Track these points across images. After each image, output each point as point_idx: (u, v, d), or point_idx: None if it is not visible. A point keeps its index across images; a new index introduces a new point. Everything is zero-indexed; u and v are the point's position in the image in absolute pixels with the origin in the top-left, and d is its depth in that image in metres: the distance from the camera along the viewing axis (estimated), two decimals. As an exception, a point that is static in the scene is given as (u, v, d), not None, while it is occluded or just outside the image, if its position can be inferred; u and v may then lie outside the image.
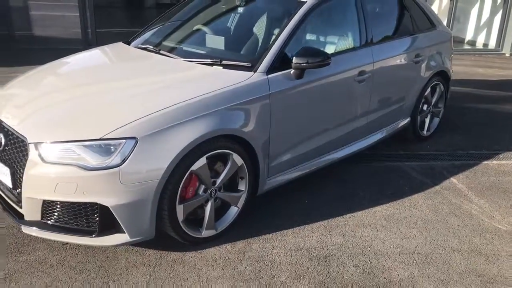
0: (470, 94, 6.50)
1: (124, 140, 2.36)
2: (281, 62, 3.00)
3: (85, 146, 2.36)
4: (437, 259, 2.73)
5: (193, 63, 3.08)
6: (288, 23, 3.12)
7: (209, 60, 3.05)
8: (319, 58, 2.96)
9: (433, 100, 4.55)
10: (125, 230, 2.44)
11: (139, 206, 2.41)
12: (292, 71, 3.00)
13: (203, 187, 2.68)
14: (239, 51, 3.28)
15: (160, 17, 3.99)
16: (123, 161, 2.34)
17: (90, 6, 8.48)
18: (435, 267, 2.65)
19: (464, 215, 3.25)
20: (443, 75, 4.55)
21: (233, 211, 2.91)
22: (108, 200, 2.36)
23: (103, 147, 2.36)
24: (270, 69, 2.94)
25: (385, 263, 2.67)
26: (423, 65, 4.21)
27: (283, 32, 3.08)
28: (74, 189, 2.34)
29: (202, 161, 2.59)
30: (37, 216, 2.49)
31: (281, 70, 2.99)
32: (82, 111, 2.61)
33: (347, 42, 3.59)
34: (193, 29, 3.69)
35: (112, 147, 2.36)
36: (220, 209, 2.89)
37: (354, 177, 3.78)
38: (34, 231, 2.51)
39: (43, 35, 8.91)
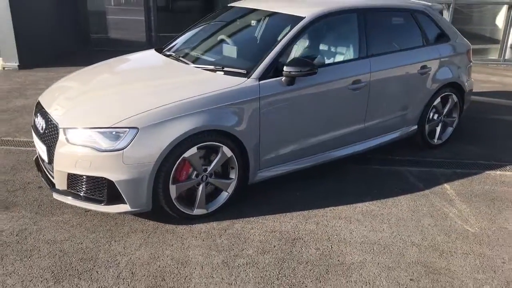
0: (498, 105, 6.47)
1: (128, 129, 2.98)
2: (275, 70, 3.47)
3: (99, 132, 3.00)
4: (394, 250, 3.05)
5: (200, 69, 3.64)
6: (284, 37, 3.58)
7: (212, 67, 3.60)
8: (306, 68, 3.40)
9: (445, 110, 4.74)
10: (126, 201, 3.05)
11: (138, 182, 3.01)
12: (283, 78, 3.45)
13: (195, 172, 3.22)
14: (240, 60, 3.78)
15: (189, 28, 4.61)
16: (126, 146, 2.95)
17: (154, 11, 9.39)
18: (388, 256, 2.98)
19: (439, 216, 3.50)
20: (456, 87, 4.72)
21: (224, 195, 3.43)
22: (113, 176, 2.98)
23: (113, 134, 2.99)
24: (263, 76, 3.42)
25: (344, 249, 3.04)
26: (431, 77, 4.44)
27: (278, 45, 3.54)
28: (89, 165, 2.99)
29: (193, 150, 3.13)
30: (64, 186, 3.18)
31: (274, 77, 3.45)
32: (102, 106, 3.28)
33: (344, 53, 3.97)
34: (209, 39, 4.25)
35: (119, 134, 2.98)
36: (213, 193, 3.42)
37: (352, 177, 4.12)
38: (61, 197, 3.20)
39: (115, 38, 9.99)
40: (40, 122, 3.40)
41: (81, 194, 3.14)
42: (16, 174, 3.96)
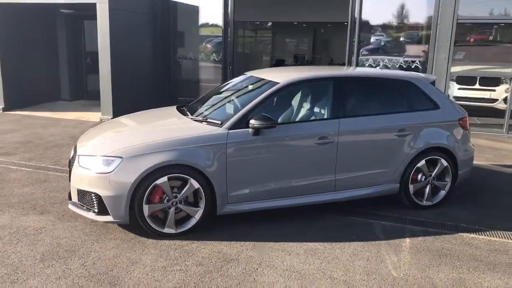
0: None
1: (115, 158, 4.00)
2: (246, 123, 4.28)
3: (97, 158, 4.07)
4: (307, 279, 3.49)
5: (191, 119, 4.60)
6: (255, 98, 4.42)
7: (200, 118, 4.55)
8: (267, 122, 4.18)
9: (433, 173, 4.99)
10: (110, 213, 4.02)
11: (118, 199, 3.97)
12: (250, 129, 4.25)
13: (166, 197, 4.09)
14: (222, 114, 4.64)
15: (210, 92, 5.68)
16: (113, 170, 3.97)
17: (228, 62, 10.79)
18: (298, 282, 3.44)
19: (375, 261, 3.82)
20: (444, 152, 4.98)
21: (192, 221, 4.21)
22: (102, 192, 3.99)
23: (106, 160, 4.04)
24: (233, 127, 4.26)
25: (266, 272, 3.58)
26: (410, 140, 4.82)
27: (250, 103, 4.39)
28: (87, 183, 4.06)
29: (164, 179, 4.02)
30: (75, 199, 4.27)
31: (243, 128, 4.27)
32: (109, 141, 4.39)
33: (315, 114, 4.65)
34: (213, 99, 5.23)
35: (109, 161, 4.02)
36: (186, 217, 4.22)
37: (323, 223, 4.59)
38: (72, 207, 4.28)
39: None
40: (72, 153, 4.63)
41: (84, 206, 4.19)
42: (63, 193, 5.21)
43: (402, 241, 4.24)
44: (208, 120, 4.47)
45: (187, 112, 4.95)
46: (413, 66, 9.52)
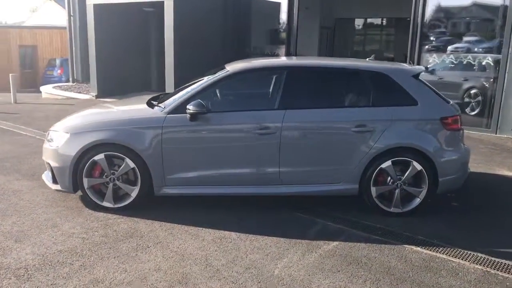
0: None
1: (65, 134, 4.48)
2: (186, 109, 4.39)
3: (54, 133, 4.60)
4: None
5: (146, 105, 4.84)
6: (196, 85, 4.49)
7: (155, 102, 4.78)
8: (199, 108, 4.24)
9: (403, 177, 4.44)
10: (58, 182, 4.51)
11: (63, 170, 4.43)
12: (187, 115, 4.35)
13: (105, 173, 4.43)
14: (172, 100, 4.74)
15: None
16: (61, 144, 4.45)
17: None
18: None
19: (271, 256, 3.63)
20: (419, 154, 4.40)
21: (129, 198, 4.47)
22: (52, 163, 4.50)
23: (59, 136, 4.54)
24: (172, 112, 4.41)
25: (152, 237, 3.69)
26: (372, 137, 4.37)
27: (192, 90, 4.48)
28: (46, 155, 4.61)
29: (101, 156, 4.36)
30: (49, 169, 4.86)
31: (182, 114, 4.38)
32: (72, 121, 4.81)
33: (260, 103, 4.52)
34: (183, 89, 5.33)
35: (61, 136, 4.50)
36: (125, 194, 4.51)
37: (266, 216, 4.45)
38: (43, 176, 4.88)
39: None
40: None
41: (50, 175, 4.76)
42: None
43: (327, 243, 3.92)
44: (158, 105, 4.68)
45: (156, 100, 5.20)
46: (483, 63, 8.32)
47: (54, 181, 4.56)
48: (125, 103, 5.76)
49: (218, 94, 4.70)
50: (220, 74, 4.53)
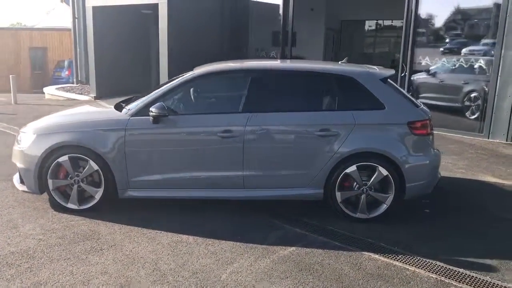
0: None
1: (31, 135, 4.51)
2: (149, 111, 4.38)
3: (22, 134, 4.64)
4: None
5: (113, 109, 4.82)
6: (158, 89, 4.48)
7: (123, 105, 4.78)
8: (162, 111, 4.24)
9: (369, 183, 4.35)
10: (25, 183, 4.55)
11: (29, 172, 4.46)
12: (150, 118, 4.35)
13: (70, 175, 4.45)
14: (137, 103, 4.73)
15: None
16: (27, 145, 4.48)
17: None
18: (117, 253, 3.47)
19: (222, 261, 3.59)
20: (384, 159, 4.31)
21: (94, 200, 4.49)
22: (19, 164, 4.54)
23: (27, 137, 4.57)
24: (136, 114, 4.41)
25: (110, 238, 3.68)
26: (336, 141, 4.31)
27: (156, 93, 4.48)
28: (14, 156, 4.65)
29: (65, 158, 4.38)
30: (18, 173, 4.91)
31: (145, 116, 4.38)
32: (38, 122, 4.82)
33: (224, 106, 4.48)
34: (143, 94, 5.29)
35: (28, 137, 4.54)
36: (90, 197, 4.52)
37: (236, 220, 4.41)
38: (14, 180, 4.90)
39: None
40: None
41: (18, 176, 4.80)
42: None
43: (284, 249, 3.86)
44: (125, 107, 4.68)
45: (126, 102, 5.20)
46: (475, 66, 8.14)
47: (22, 182, 4.60)
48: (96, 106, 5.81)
49: (183, 97, 4.68)
50: (184, 77, 4.52)
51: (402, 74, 8.88)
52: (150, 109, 4.29)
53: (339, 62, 5.13)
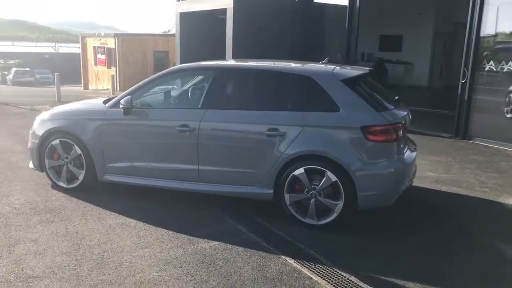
0: None
1: (40, 118, 5.28)
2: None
3: (37, 117, 5.44)
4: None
5: (100, 101, 5.35)
6: (136, 85, 4.88)
7: (108, 98, 5.31)
8: (128, 104, 4.65)
9: (318, 187, 4.17)
10: (32, 161, 5.34)
11: (33, 151, 5.23)
12: (121, 110, 4.79)
13: (61, 157, 5.11)
14: (121, 96, 5.15)
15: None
16: (34, 127, 5.26)
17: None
18: (67, 243, 3.93)
19: (110, 246, 3.84)
20: (332, 163, 4.10)
21: (77, 181, 5.08)
22: (28, 144, 5.36)
23: (37, 119, 5.35)
24: (113, 106, 4.89)
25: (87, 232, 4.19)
26: (283, 142, 4.22)
27: (129, 89, 4.89)
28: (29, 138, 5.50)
29: (57, 141, 5.04)
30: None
31: (119, 108, 4.83)
32: (53, 109, 5.60)
33: (185, 102, 4.70)
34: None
35: (36, 120, 5.32)
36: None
37: (191, 216, 4.53)
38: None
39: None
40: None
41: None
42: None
43: (208, 242, 3.94)
44: (111, 100, 5.18)
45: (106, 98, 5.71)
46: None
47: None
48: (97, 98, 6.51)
49: (154, 92, 5.01)
50: (156, 74, 4.85)
51: (463, 81, 7.98)
52: (120, 101, 4.71)
53: (319, 62, 4.95)
